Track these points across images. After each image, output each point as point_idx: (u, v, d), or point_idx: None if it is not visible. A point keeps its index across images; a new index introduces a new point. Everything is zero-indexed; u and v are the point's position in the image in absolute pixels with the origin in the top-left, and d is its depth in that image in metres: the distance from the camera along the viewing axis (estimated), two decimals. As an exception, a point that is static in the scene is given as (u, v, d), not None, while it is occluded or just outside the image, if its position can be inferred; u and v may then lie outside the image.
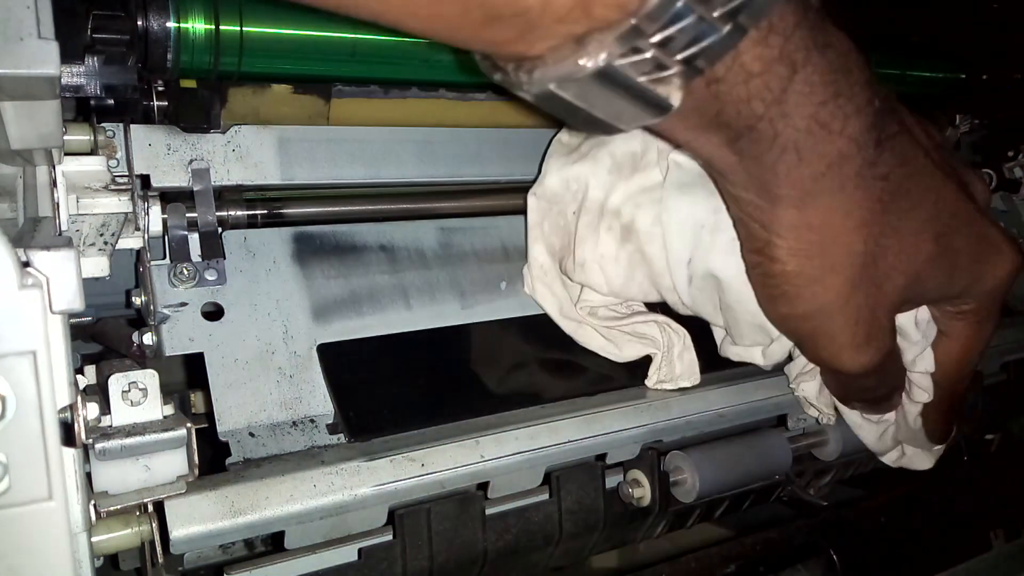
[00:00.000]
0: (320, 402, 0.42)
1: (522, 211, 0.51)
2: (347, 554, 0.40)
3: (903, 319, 0.42)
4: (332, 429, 0.42)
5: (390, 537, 0.41)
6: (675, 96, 0.30)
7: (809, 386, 0.47)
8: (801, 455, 0.53)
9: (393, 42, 0.49)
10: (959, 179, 0.40)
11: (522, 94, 0.32)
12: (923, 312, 0.43)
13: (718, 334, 0.49)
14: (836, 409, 0.50)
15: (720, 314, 0.45)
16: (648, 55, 0.28)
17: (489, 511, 0.43)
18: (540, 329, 0.50)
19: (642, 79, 0.29)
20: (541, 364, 0.50)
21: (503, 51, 0.31)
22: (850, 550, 0.58)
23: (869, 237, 0.36)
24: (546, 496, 0.45)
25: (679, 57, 0.29)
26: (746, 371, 0.51)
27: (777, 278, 0.38)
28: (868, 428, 0.50)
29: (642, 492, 0.47)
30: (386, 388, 0.45)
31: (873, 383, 0.44)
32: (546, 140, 0.56)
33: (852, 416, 0.49)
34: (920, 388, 0.45)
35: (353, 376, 0.44)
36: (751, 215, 0.37)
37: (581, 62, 0.28)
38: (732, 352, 0.47)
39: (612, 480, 0.47)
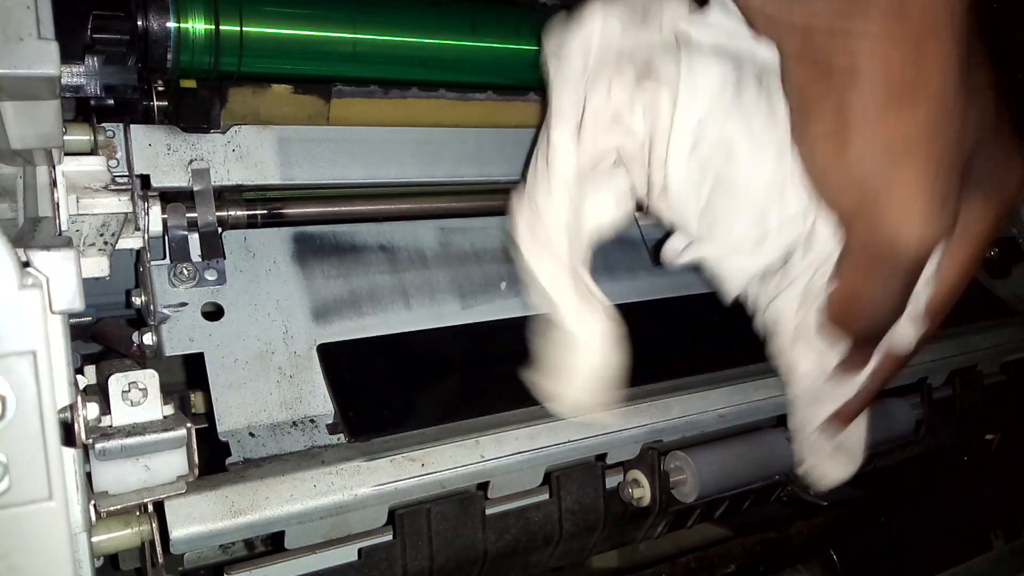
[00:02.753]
0: (320, 402, 0.42)
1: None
2: (347, 554, 0.40)
3: None
4: (332, 429, 0.42)
5: (390, 537, 0.41)
6: None
7: (805, 352, 0.42)
8: (801, 455, 0.53)
9: (393, 42, 0.49)
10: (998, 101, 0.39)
11: None
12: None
13: (674, 240, 0.42)
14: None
15: (707, 210, 0.39)
16: None
17: (489, 511, 0.43)
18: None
19: None
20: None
21: None
22: (850, 550, 0.58)
23: (961, 60, 0.32)
24: (546, 496, 0.45)
25: None
26: (746, 371, 0.51)
27: (858, 97, 0.32)
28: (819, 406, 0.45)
29: (642, 492, 0.47)
30: (386, 388, 0.45)
31: (900, 297, 0.38)
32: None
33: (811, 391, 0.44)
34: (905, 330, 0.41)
35: (353, 376, 0.44)
36: (826, 55, 0.33)
37: None
38: (706, 253, 0.41)
39: (612, 480, 0.47)
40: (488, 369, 0.48)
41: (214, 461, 0.38)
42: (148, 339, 0.41)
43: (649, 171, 0.40)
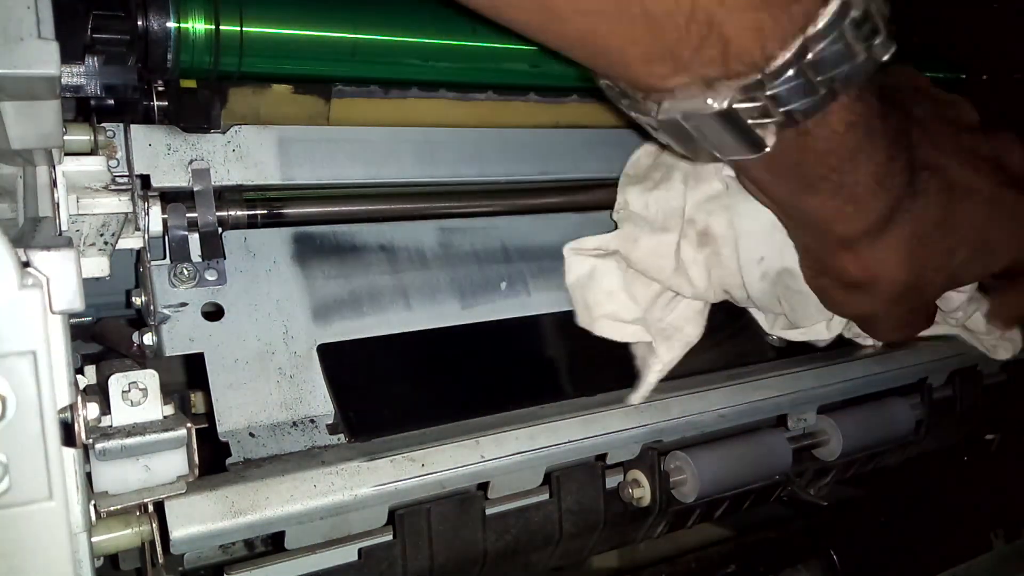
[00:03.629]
0: (320, 402, 0.42)
1: (521, 211, 0.51)
2: (347, 554, 0.40)
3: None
4: (332, 429, 0.42)
5: (390, 537, 0.41)
6: (770, 139, 0.36)
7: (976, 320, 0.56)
8: (801, 455, 0.53)
9: (393, 42, 0.49)
10: (993, 165, 0.47)
11: (645, 119, 0.38)
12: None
13: (767, 321, 0.53)
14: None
15: (784, 304, 0.50)
16: (759, 103, 0.34)
17: (489, 511, 0.43)
18: (540, 329, 0.50)
19: (750, 121, 0.35)
20: (541, 364, 0.50)
21: (643, 84, 0.37)
22: (850, 550, 0.58)
23: (911, 268, 0.44)
24: (546, 496, 0.45)
25: (783, 109, 0.35)
26: (746, 371, 0.52)
27: (829, 292, 0.47)
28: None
29: (642, 492, 0.47)
30: (386, 388, 0.45)
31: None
32: (546, 140, 0.56)
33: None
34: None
35: (353, 376, 0.44)
36: (809, 252, 0.45)
37: (709, 101, 0.34)
38: (793, 335, 0.53)
39: (612, 480, 0.47)
40: (488, 369, 0.48)
41: (214, 461, 0.38)
42: (148, 339, 0.41)
43: (732, 292, 0.50)
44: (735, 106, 0.34)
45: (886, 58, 0.35)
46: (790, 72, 0.33)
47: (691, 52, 0.34)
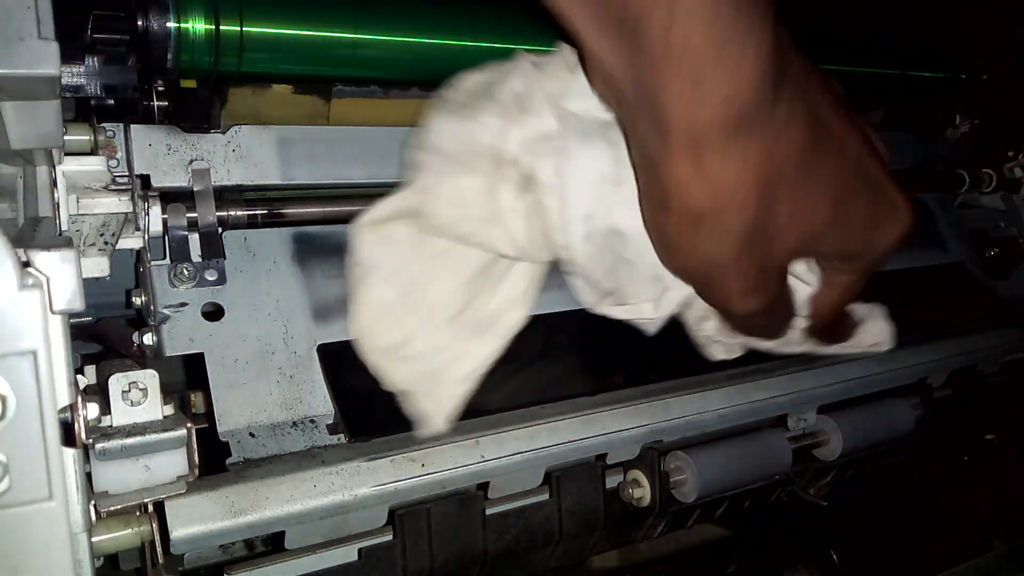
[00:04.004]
0: (320, 402, 0.42)
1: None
2: (347, 554, 0.40)
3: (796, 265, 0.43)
4: (332, 429, 0.42)
5: (390, 537, 0.41)
6: None
7: (710, 324, 0.46)
8: (801, 455, 0.53)
9: (393, 42, 0.49)
10: (864, 133, 0.39)
11: None
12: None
13: (591, 294, 0.45)
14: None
15: (611, 274, 0.42)
16: None
17: (489, 511, 0.43)
18: (540, 329, 0.50)
19: None
20: (540, 364, 0.50)
21: None
22: (850, 550, 0.58)
23: (763, 198, 0.35)
24: (546, 496, 0.45)
25: None
26: (746, 371, 0.51)
27: (671, 234, 0.37)
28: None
29: (642, 492, 0.47)
30: (386, 388, 0.45)
31: (763, 322, 0.44)
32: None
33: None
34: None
35: (353, 376, 0.44)
36: (649, 158, 0.36)
37: None
38: (617, 312, 0.44)
39: (612, 480, 0.47)
40: (488, 369, 0.48)
41: (214, 461, 0.38)
42: (148, 339, 0.41)
43: (555, 252, 0.43)
44: None
45: None
46: None
47: None
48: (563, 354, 0.51)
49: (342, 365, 0.44)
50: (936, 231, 0.72)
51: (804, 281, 0.44)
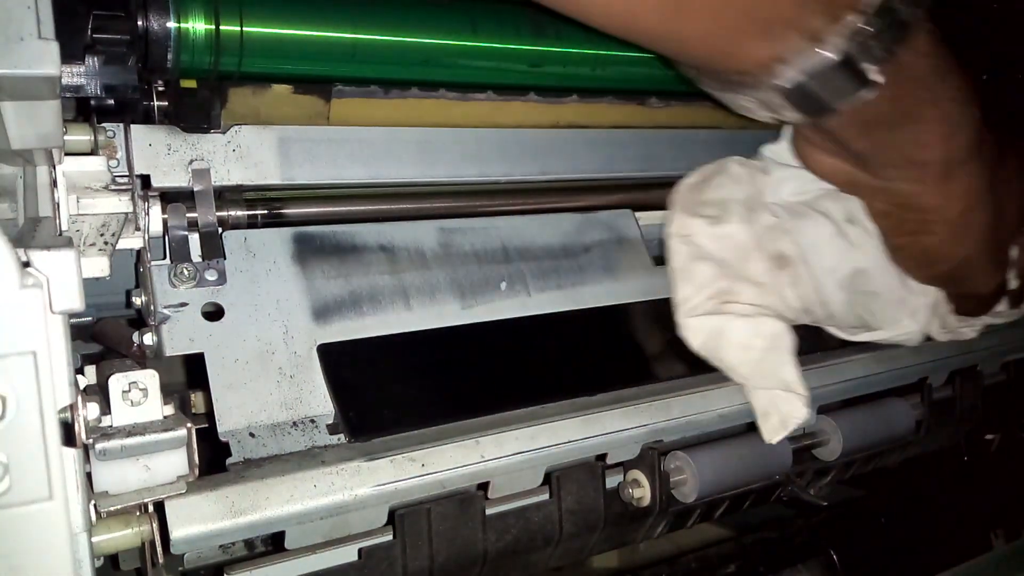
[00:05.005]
0: (320, 402, 0.42)
1: (521, 211, 0.51)
2: (347, 554, 0.40)
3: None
4: (332, 429, 0.42)
5: (390, 537, 0.41)
6: (876, 75, 0.40)
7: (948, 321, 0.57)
8: (801, 455, 0.53)
9: (393, 42, 0.49)
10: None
11: (763, 95, 0.42)
12: None
13: (847, 335, 0.55)
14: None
15: (863, 310, 0.52)
16: (864, 43, 0.39)
17: (489, 511, 0.43)
18: (540, 329, 0.50)
19: (861, 65, 0.39)
20: (541, 364, 0.50)
21: (753, 61, 0.41)
22: (850, 550, 0.58)
23: (993, 197, 0.48)
24: (546, 496, 0.45)
25: (882, 45, 0.39)
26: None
27: (931, 247, 0.49)
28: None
29: (642, 492, 0.47)
30: (386, 388, 0.45)
31: (996, 297, 0.57)
32: (546, 140, 0.56)
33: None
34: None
35: (353, 376, 0.44)
36: (902, 200, 0.48)
37: (826, 52, 0.39)
38: (878, 336, 0.54)
39: (612, 480, 0.47)
40: (488, 369, 0.48)
41: (214, 461, 0.38)
42: (148, 339, 0.41)
43: (814, 313, 0.52)
44: (847, 50, 0.38)
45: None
46: (891, 4, 0.38)
47: (801, 6, 0.38)
48: (563, 354, 0.51)
49: (342, 365, 0.44)
50: (936, 231, 0.72)
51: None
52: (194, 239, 0.44)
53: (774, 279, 0.49)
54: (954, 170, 0.46)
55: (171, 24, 0.43)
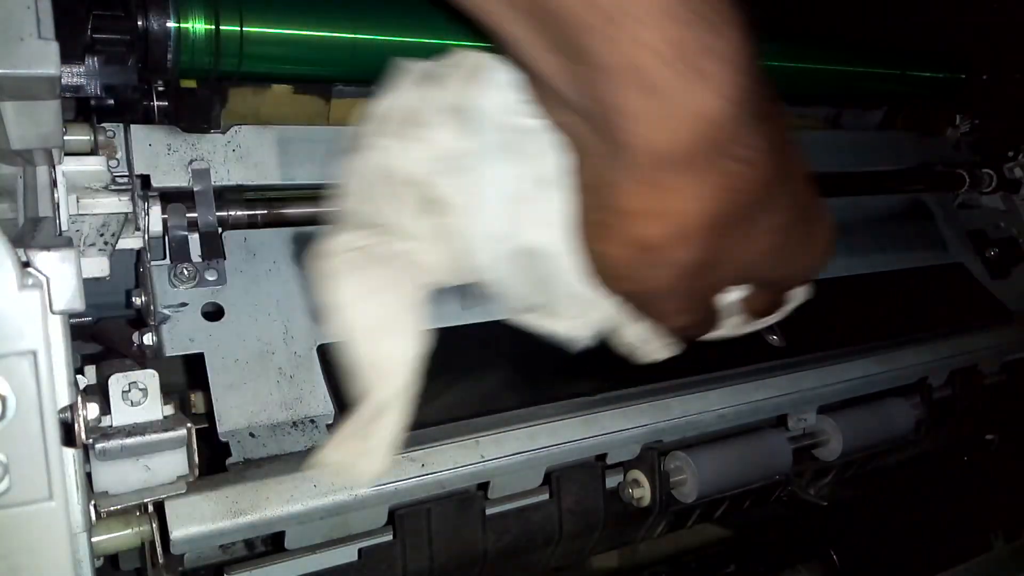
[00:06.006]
0: (320, 402, 0.42)
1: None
2: (347, 554, 0.40)
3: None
4: (332, 429, 0.42)
5: (390, 537, 0.41)
6: None
7: (634, 331, 0.43)
8: (801, 455, 0.53)
9: (393, 42, 0.49)
10: (801, 156, 0.36)
11: None
12: None
13: (513, 309, 0.42)
14: None
15: (533, 291, 0.40)
16: None
17: (489, 511, 0.43)
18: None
19: None
20: (541, 364, 0.50)
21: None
22: (850, 550, 0.58)
23: (717, 235, 0.32)
24: (546, 496, 0.45)
25: None
26: (746, 371, 0.51)
27: (614, 261, 0.34)
28: None
29: (642, 492, 0.47)
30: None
31: (694, 333, 0.42)
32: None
33: None
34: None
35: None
36: (599, 180, 0.33)
37: None
38: (544, 324, 0.42)
39: (612, 480, 0.47)
40: (488, 369, 0.48)
41: (214, 461, 0.38)
42: (148, 339, 0.41)
43: (466, 275, 0.40)
44: None
45: None
46: None
47: None
48: (563, 354, 0.51)
49: (342, 365, 0.44)
50: (936, 231, 0.72)
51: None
52: (194, 239, 0.44)
53: (415, 225, 0.38)
54: (663, 173, 0.30)
55: (171, 24, 0.43)
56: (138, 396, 0.34)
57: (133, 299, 0.45)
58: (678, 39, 0.27)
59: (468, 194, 0.37)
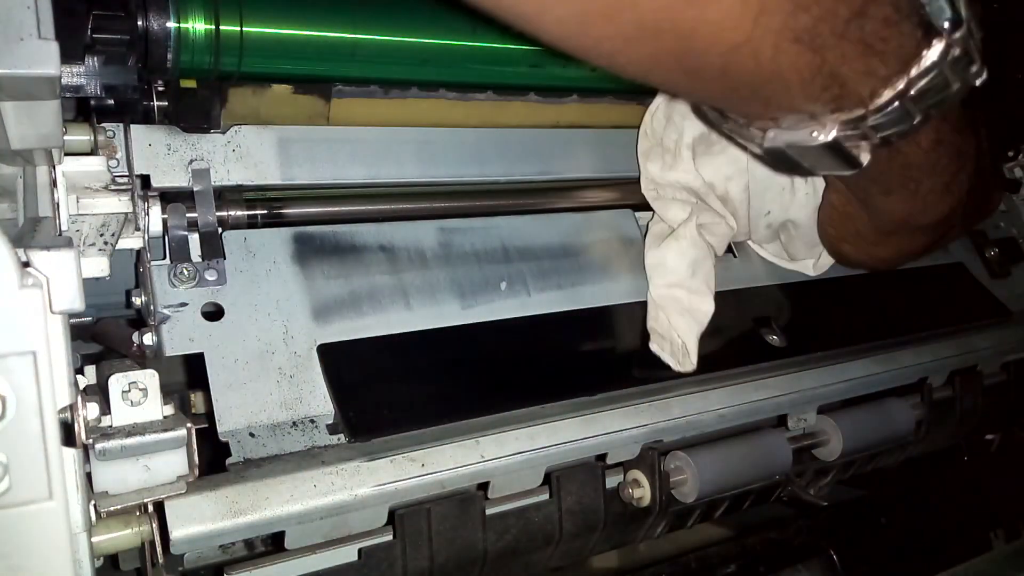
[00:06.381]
0: (320, 402, 0.42)
1: (521, 211, 0.51)
2: (347, 554, 0.40)
3: None
4: (332, 429, 0.42)
5: (390, 537, 0.41)
6: (865, 157, 0.38)
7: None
8: (801, 455, 0.53)
9: (393, 42, 0.49)
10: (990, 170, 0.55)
11: (750, 145, 0.41)
12: None
13: (758, 248, 0.61)
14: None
15: (780, 244, 0.59)
16: (859, 132, 0.36)
17: (489, 511, 0.43)
18: (540, 329, 0.50)
19: (848, 145, 0.37)
20: (541, 364, 0.50)
21: (753, 115, 0.39)
22: (850, 550, 0.58)
23: (935, 247, 0.54)
24: (546, 496, 0.45)
25: (880, 135, 0.37)
26: (746, 371, 0.52)
27: (848, 258, 0.56)
28: None
29: (642, 492, 0.47)
30: (386, 388, 0.45)
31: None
32: (546, 140, 0.56)
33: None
34: None
35: (353, 376, 0.44)
36: (857, 233, 0.51)
37: (815, 134, 0.37)
38: (780, 262, 0.60)
39: (612, 480, 0.47)
40: (488, 369, 0.48)
41: (214, 461, 0.38)
42: (148, 339, 0.41)
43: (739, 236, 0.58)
44: (838, 136, 0.36)
45: (978, 83, 0.38)
46: (894, 106, 0.35)
47: (810, 98, 0.36)
48: (564, 354, 0.51)
49: (342, 365, 0.44)
50: (936, 231, 0.72)
51: None
52: (194, 239, 0.44)
53: (712, 219, 0.53)
54: (900, 235, 0.49)
55: (171, 24, 0.43)
56: (138, 396, 0.34)
57: (133, 299, 0.45)
58: (949, 183, 0.45)
59: (748, 190, 0.54)
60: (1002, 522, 0.66)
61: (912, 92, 0.35)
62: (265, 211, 0.46)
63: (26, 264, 0.28)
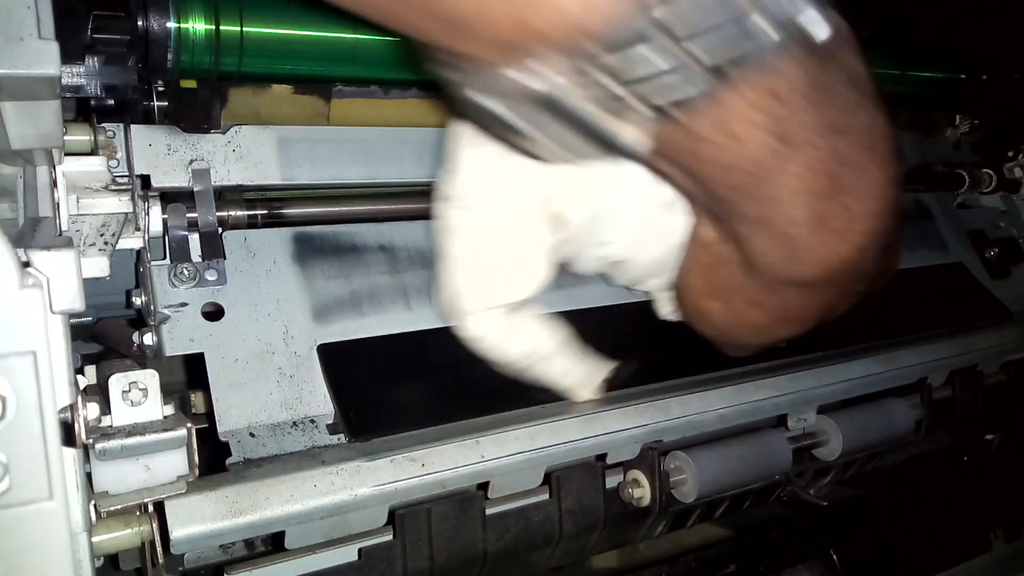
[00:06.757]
0: (320, 402, 0.42)
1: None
2: (347, 554, 0.40)
3: None
4: (332, 429, 0.42)
5: (390, 537, 0.41)
6: (630, 133, 0.26)
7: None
8: (801, 455, 0.53)
9: (393, 42, 0.49)
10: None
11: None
12: None
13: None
14: None
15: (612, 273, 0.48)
16: (602, 84, 0.25)
17: (489, 511, 0.43)
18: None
19: (584, 108, 0.26)
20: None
21: (454, 49, 0.29)
22: (850, 550, 0.58)
23: (824, 316, 0.41)
24: (546, 496, 0.45)
25: (650, 101, 0.25)
26: (746, 371, 0.51)
27: (714, 321, 0.42)
28: None
29: (642, 492, 0.47)
30: (386, 388, 0.45)
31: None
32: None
33: None
34: None
35: (353, 376, 0.44)
36: (723, 259, 0.38)
37: (522, 78, 0.25)
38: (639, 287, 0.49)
39: (612, 480, 0.47)
40: (488, 369, 0.48)
41: (214, 461, 0.38)
42: (148, 339, 0.41)
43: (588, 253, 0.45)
44: (562, 85, 0.25)
45: (821, 38, 0.26)
46: (643, 44, 0.23)
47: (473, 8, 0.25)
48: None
49: (342, 365, 0.44)
50: (936, 231, 0.72)
51: None
52: (194, 239, 0.44)
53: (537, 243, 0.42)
54: (779, 291, 0.36)
55: (171, 24, 0.43)
56: (138, 396, 0.34)
57: (133, 299, 0.45)
58: (818, 212, 0.30)
59: (592, 212, 0.42)
60: (1002, 522, 0.66)
61: (668, 18, 0.23)
62: (265, 211, 0.46)
63: (26, 264, 0.28)
